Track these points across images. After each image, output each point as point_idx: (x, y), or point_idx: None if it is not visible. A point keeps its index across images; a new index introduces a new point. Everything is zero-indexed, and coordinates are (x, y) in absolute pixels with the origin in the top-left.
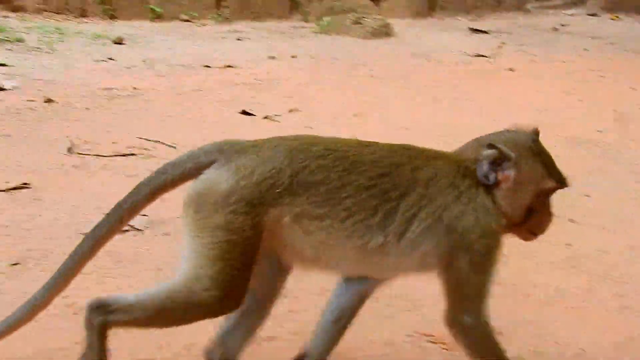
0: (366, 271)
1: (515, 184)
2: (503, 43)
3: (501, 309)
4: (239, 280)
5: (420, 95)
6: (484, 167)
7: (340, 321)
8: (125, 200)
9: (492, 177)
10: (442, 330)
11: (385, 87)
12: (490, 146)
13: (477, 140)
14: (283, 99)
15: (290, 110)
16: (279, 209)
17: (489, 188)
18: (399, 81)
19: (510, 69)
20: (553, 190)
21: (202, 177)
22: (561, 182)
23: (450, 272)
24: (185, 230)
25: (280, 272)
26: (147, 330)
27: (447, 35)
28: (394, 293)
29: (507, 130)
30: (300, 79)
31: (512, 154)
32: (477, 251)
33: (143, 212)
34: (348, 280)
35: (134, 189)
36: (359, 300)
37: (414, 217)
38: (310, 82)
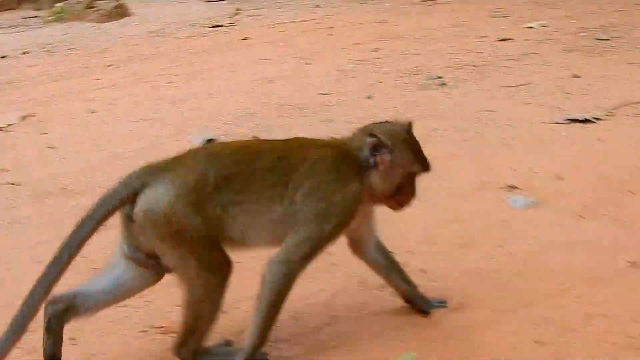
0: (278, 241)
1: (389, 167)
2: (239, 10)
3: None
4: (222, 260)
5: (157, 79)
6: (366, 152)
7: (388, 259)
8: (72, 236)
9: (371, 160)
10: (173, 320)
11: (122, 73)
12: (372, 135)
13: (362, 129)
14: (16, 105)
15: (24, 117)
16: (212, 204)
17: (368, 170)
18: (140, 64)
19: (245, 38)
20: (419, 173)
21: (144, 198)
22: (425, 167)
23: (301, 228)
24: (153, 242)
25: (147, 271)
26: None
27: (184, 8)
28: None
29: (387, 122)
30: (35, 78)
31: (389, 142)
32: (328, 221)
33: None
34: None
35: (79, 224)
36: (377, 244)
37: (299, 187)
38: (46, 80)
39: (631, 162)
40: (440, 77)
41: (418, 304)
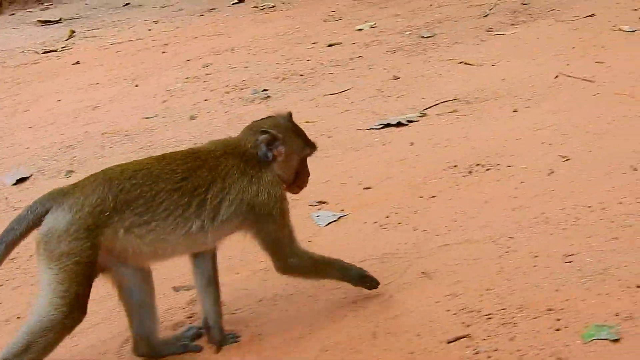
0: (195, 249)
1: (285, 157)
2: (73, 32)
3: None
4: (82, 292)
5: None
6: (263, 148)
7: (211, 283)
8: None
9: (269, 154)
10: None
11: None
12: (263, 132)
13: (249, 128)
14: None
15: None
16: (112, 227)
17: (269, 164)
18: None
19: (77, 62)
20: (310, 154)
21: (45, 222)
22: (314, 147)
23: (262, 235)
24: (41, 269)
25: (142, 272)
26: None
27: (16, 33)
28: None
29: (269, 117)
30: None
31: (280, 135)
32: (277, 215)
33: None
34: (196, 254)
35: None
36: (213, 260)
37: (221, 203)
38: None
39: (437, 164)
40: (265, 90)
41: (215, 335)
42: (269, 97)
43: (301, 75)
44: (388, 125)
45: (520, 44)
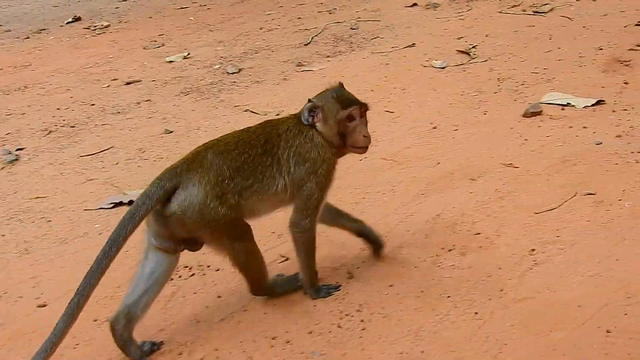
0: (281, 206)
1: (324, 121)
2: None
3: None
4: (244, 229)
5: None
6: (305, 114)
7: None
8: (118, 232)
9: (310, 120)
10: None
11: None
12: (309, 101)
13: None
14: None
15: None
16: (230, 193)
17: (314, 128)
18: None
19: None
20: (349, 116)
21: (181, 198)
22: (349, 106)
23: (302, 190)
24: (192, 232)
25: (174, 255)
26: None
27: None
28: None
29: (326, 89)
30: None
31: (320, 102)
32: (320, 175)
33: None
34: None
35: (122, 221)
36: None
37: (288, 157)
38: None
39: None
40: (20, 149)
41: (371, 238)
42: (17, 159)
43: (73, 126)
44: (120, 204)
45: (320, 85)
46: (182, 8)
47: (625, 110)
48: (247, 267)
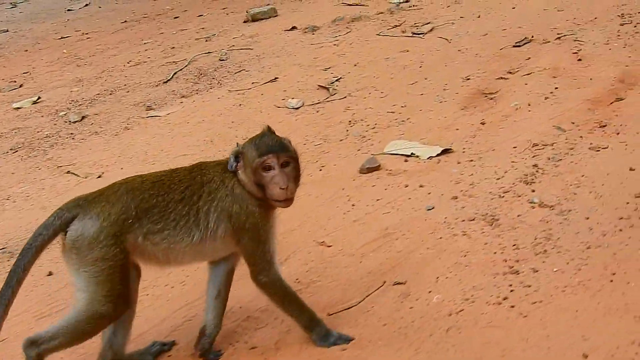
0: (202, 259)
1: (244, 169)
2: None
3: None
4: (124, 291)
5: None
6: (231, 159)
7: (220, 295)
8: (17, 264)
9: (233, 166)
10: None
11: None
12: (236, 145)
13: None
14: None
15: None
16: (133, 234)
17: (237, 176)
18: None
19: None
20: (264, 166)
21: (74, 227)
22: (264, 154)
23: (240, 246)
24: (72, 269)
25: (137, 279)
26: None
27: None
28: None
29: (259, 134)
30: None
31: (241, 147)
32: (249, 228)
33: None
34: (213, 263)
35: (21, 253)
36: (227, 276)
37: (208, 211)
38: None
39: None
40: None
41: (204, 345)
42: None
43: None
44: None
45: (160, 136)
46: (62, 38)
47: (472, 161)
48: (75, 329)
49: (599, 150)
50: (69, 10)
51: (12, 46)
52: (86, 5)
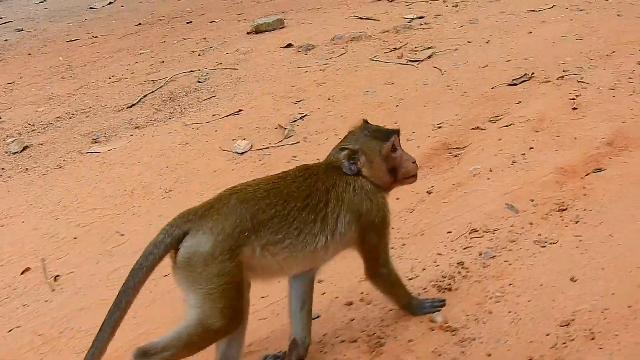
0: (315, 265)
1: (369, 163)
2: None
3: None
4: (238, 306)
5: None
6: (345, 164)
7: (305, 306)
8: (127, 284)
9: (354, 168)
10: None
11: None
12: (342, 149)
13: (335, 147)
14: None
15: None
16: (250, 246)
17: (362, 175)
18: None
19: None
20: (391, 148)
21: (186, 244)
22: (388, 138)
23: (364, 243)
24: (185, 286)
25: (248, 291)
26: None
27: None
28: None
29: (349, 132)
30: None
31: (357, 146)
32: (379, 223)
33: None
34: (294, 277)
35: (130, 274)
36: (310, 285)
37: (338, 215)
38: None
39: None
40: None
41: (300, 352)
42: None
43: None
44: None
45: (88, 178)
46: (70, 41)
47: (392, 249)
48: (189, 343)
49: (544, 246)
50: (91, 8)
51: (19, 48)
52: (110, 3)
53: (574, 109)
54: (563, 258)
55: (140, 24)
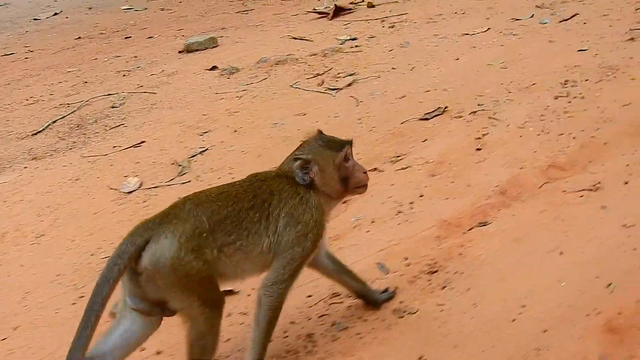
0: (265, 269)
1: (321, 172)
2: None
3: None
4: (219, 296)
5: None
6: (299, 174)
7: (341, 269)
8: (94, 300)
9: (306, 178)
10: None
11: None
12: (295, 159)
13: (288, 157)
14: None
15: None
16: (209, 248)
17: (313, 186)
18: None
19: None
20: (344, 158)
21: (150, 251)
22: (342, 148)
23: (286, 253)
24: (159, 293)
25: (151, 318)
26: None
27: None
28: None
29: (302, 142)
30: None
31: (310, 156)
32: (310, 239)
33: None
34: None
35: (97, 286)
36: (333, 258)
37: (279, 216)
38: None
39: None
40: None
41: (370, 299)
42: None
43: None
44: None
45: None
46: (5, 55)
47: None
48: (204, 345)
49: (402, 317)
50: (35, 19)
51: None
52: (55, 14)
53: (478, 149)
54: (417, 332)
55: (80, 37)
